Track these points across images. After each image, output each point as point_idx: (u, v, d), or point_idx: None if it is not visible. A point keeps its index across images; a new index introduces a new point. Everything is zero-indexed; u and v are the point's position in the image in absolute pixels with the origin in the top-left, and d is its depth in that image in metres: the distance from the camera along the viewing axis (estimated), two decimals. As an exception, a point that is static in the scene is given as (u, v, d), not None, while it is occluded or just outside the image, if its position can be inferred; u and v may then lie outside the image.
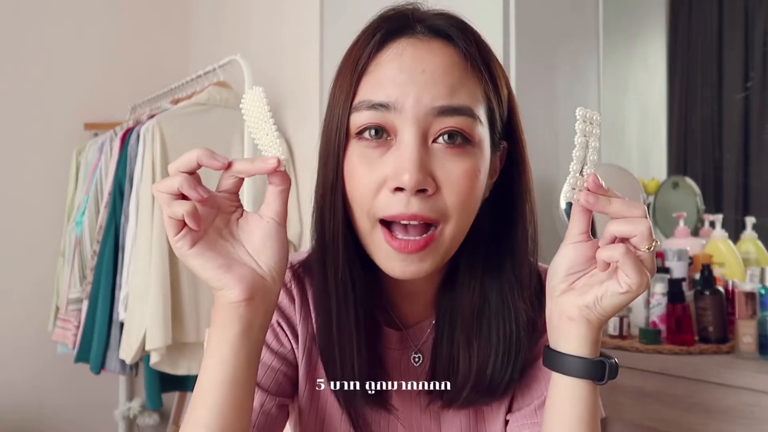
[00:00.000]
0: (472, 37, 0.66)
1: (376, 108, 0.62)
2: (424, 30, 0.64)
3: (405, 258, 0.62)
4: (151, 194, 1.99)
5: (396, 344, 0.73)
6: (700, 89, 2.21)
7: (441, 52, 0.63)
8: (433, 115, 0.61)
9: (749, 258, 1.75)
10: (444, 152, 0.62)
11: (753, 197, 2.06)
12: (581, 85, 1.92)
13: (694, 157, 2.21)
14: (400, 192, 0.61)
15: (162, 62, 2.95)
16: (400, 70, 0.62)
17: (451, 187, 0.62)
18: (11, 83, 2.67)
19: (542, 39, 1.78)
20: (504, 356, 0.69)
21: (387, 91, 0.62)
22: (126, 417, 2.71)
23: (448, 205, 0.62)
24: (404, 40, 0.64)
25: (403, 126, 0.61)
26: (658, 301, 1.53)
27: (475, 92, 0.64)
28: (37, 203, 2.69)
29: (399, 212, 0.61)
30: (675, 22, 2.25)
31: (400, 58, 0.62)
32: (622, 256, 0.57)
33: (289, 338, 0.73)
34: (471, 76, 0.64)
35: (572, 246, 0.62)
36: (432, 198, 0.61)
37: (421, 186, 0.60)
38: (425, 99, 0.61)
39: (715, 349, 1.42)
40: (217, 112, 2.14)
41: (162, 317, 1.91)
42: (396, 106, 0.61)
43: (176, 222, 0.57)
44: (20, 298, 2.64)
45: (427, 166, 0.61)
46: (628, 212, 0.59)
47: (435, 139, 0.62)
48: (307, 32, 2.20)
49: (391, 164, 0.61)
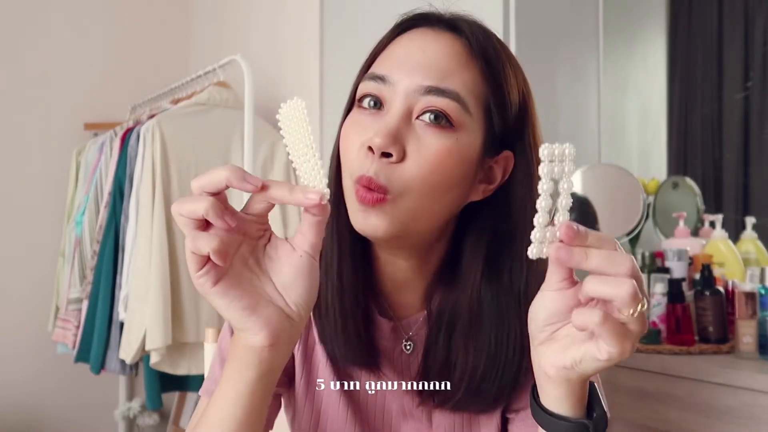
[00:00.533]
0: (488, 41, 0.69)
1: (374, 79, 0.66)
2: (443, 26, 0.69)
3: (365, 210, 0.64)
4: (151, 194, 1.99)
5: (387, 333, 0.75)
6: (700, 89, 2.21)
7: (447, 42, 0.67)
8: (420, 93, 0.65)
9: (749, 258, 1.75)
10: (423, 128, 0.65)
11: (753, 197, 2.06)
12: (581, 85, 1.92)
13: (694, 157, 2.21)
14: (370, 153, 0.63)
15: (162, 62, 2.95)
16: (405, 50, 0.67)
17: (417, 159, 0.63)
18: (11, 83, 2.67)
19: (542, 39, 1.78)
20: (495, 364, 0.69)
21: (388, 66, 0.67)
22: (126, 417, 2.71)
23: (408, 175, 0.63)
24: (420, 30, 0.69)
25: (393, 98, 0.65)
26: (658, 301, 1.53)
27: (471, 84, 0.66)
28: (37, 203, 2.69)
29: (363, 172, 0.63)
30: (675, 22, 2.25)
31: (410, 42, 0.68)
32: (598, 325, 0.49)
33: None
34: (471, 68, 0.67)
35: (552, 294, 0.55)
36: (393, 166, 0.63)
37: (386, 149, 0.62)
38: (416, 77, 0.65)
39: (715, 349, 1.42)
40: (217, 112, 2.14)
41: (162, 317, 1.91)
42: (391, 80, 0.66)
43: (199, 257, 0.53)
44: (20, 298, 2.64)
45: (400, 135, 0.64)
46: (610, 269, 0.50)
47: (419, 115, 0.65)
48: (307, 32, 2.20)
49: (373, 129, 0.64)
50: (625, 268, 0.50)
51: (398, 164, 0.63)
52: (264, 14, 2.47)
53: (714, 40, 2.18)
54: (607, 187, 1.81)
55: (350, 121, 0.68)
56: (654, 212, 1.89)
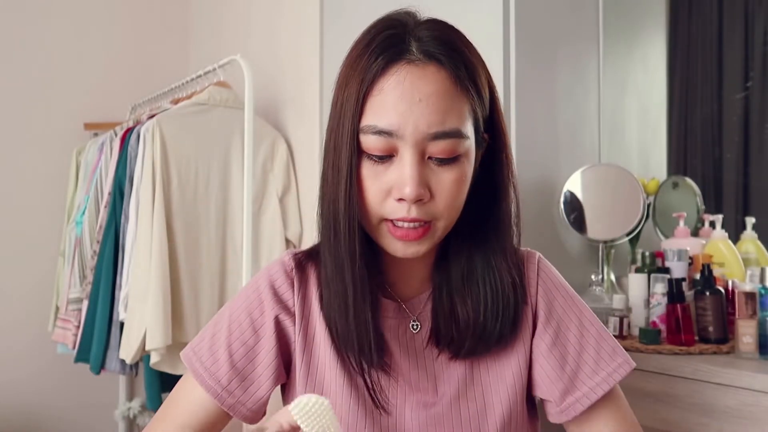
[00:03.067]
0: (460, 57, 0.75)
1: (381, 134, 0.73)
2: (420, 55, 0.73)
3: (405, 243, 0.76)
4: (151, 194, 1.99)
5: (393, 313, 0.84)
6: (700, 89, 2.20)
7: (434, 78, 0.73)
8: (429, 139, 0.73)
9: (749, 258, 1.75)
10: (438, 167, 0.75)
11: (753, 197, 2.06)
12: (581, 85, 1.92)
13: (694, 157, 2.21)
14: (403, 201, 0.74)
15: (162, 62, 2.95)
16: (401, 99, 0.72)
17: (443, 194, 0.75)
18: (11, 83, 2.67)
19: (542, 39, 1.78)
20: (494, 308, 0.80)
21: (390, 120, 0.72)
22: (126, 417, 2.71)
23: (440, 208, 0.75)
24: (403, 67, 0.73)
25: (404, 147, 0.73)
26: (658, 301, 1.53)
27: (464, 111, 0.74)
28: (37, 203, 2.69)
29: (402, 216, 0.74)
30: (675, 22, 2.25)
31: (401, 87, 0.72)
32: None
33: (285, 329, 0.84)
34: (460, 96, 0.74)
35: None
36: (427, 204, 0.75)
37: (419, 198, 0.73)
38: (422, 126, 0.72)
39: (715, 349, 1.42)
40: (217, 112, 2.14)
41: (162, 317, 1.91)
42: (398, 133, 0.72)
43: None
44: (20, 298, 2.64)
45: (423, 179, 0.74)
46: None
47: (430, 156, 0.74)
48: (307, 32, 2.20)
49: (394, 178, 0.74)
50: None
51: (429, 202, 0.75)
52: (264, 14, 2.47)
53: (714, 40, 2.17)
54: (607, 187, 1.81)
55: (366, 171, 0.75)
56: (654, 212, 1.89)
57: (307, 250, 0.87)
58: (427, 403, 0.81)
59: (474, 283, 0.80)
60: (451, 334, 0.81)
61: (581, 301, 0.88)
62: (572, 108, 1.89)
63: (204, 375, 0.82)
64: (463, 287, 0.81)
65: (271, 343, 0.83)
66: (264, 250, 2.16)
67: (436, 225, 0.76)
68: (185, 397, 0.84)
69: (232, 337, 0.83)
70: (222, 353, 0.82)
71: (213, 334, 0.84)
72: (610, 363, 0.83)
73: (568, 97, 1.87)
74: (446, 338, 0.81)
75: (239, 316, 0.84)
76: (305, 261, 0.86)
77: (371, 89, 0.74)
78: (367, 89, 0.74)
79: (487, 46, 1.71)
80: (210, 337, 0.84)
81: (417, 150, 0.73)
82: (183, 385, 0.86)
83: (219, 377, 0.82)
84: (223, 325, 0.85)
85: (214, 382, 0.82)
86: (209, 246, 2.10)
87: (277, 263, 0.86)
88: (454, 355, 0.82)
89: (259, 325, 0.83)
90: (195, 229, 2.07)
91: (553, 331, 0.84)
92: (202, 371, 0.82)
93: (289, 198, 2.22)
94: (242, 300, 0.86)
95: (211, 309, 2.09)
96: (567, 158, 1.85)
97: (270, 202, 2.18)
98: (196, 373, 0.83)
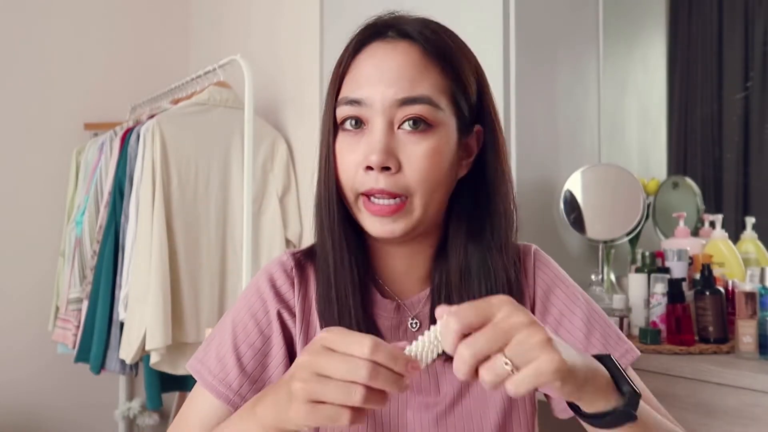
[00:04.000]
0: (435, 36, 0.76)
1: (352, 103, 0.74)
2: (394, 34, 0.76)
3: (380, 219, 0.74)
4: (151, 194, 2.00)
5: (391, 313, 0.83)
6: (700, 89, 2.20)
7: (405, 51, 0.74)
8: (396, 106, 0.73)
9: (749, 258, 1.75)
10: (407, 137, 0.73)
11: (753, 197, 2.06)
12: (581, 85, 1.92)
13: (694, 157, 2.20)
14: (370, 170, 0.73)
15: (162, 62, 2.95)
16: (370, 70, 0.74)
17: (412, 166, 0.73)
18: (11, 83, 2.67)
19: (542, 39, 1.78)
20: None
21: (361, 89, 0.74)
22: (126, 417, 2.71)
23: (410, 181, 0.73)
24: (377, 44, 0.76)
25: (373, 117, 0.73)
26: (658, 301, 1.53)
27: (436, 84, 0.74)
28: (37, 203, 2.69)
29: (371, 187, 0.73)
30: (675, 22, 2.25)
31: (372, 59, 0.75)
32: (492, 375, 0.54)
33: (289, 328, 0.83)
34: (431, 70, 0.74)
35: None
36: (396, 175, 0.73)
37: (384, 164, 0.72)
38: (389, 93, 0.73)
39: (715, 349, 1.42)
40: (217, 112, 2.14)
41: (162, 317, 1.91)
42: (367, 101, 0.73)
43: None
44: (20, 298, 2.64)
45: (391, 148, 0.73)
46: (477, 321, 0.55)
47: (400, 125, 0.73)
48: (307, 32, 2.20)
49: (363, 148, 0.74)
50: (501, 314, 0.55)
51: (398, 174, 0.73)
52: (264, 14, 2.47)
53: (714, 40, 2.17)
54: (607, 187, 1.81)
55: (340, 144, 0.76)
56: (654, 212, 1.89)
57: (305, 249, 0.86)
58: (429, 404, 0.80)
59: (471, 281, 0.79)
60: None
61: (582, 292, 0.86)
62: (572, 108, 1.89)
63: (214, 383, 0.80)
64: (461, 285, 0.79)
65: (278, 342, 0.82)
66: (264, 250, 2.16)
67: (412, 202, 0.74)
68: (196, 409, 0.82)
69: (238, 340, 0.82)
70: (230, 358, 0.81)
71: (218, 342, 0.83)
72: (617, 349, 0.82)
73: (568, 97, 1.87)
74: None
75: (243, 319, 0.83)
76: (304, 260, 0.85)
77: (348, 67, 0.76)
78: (344, 68, 0.76)
79: (487, 46, 1.71)
80: (216, 345, 0.83)
81: (385, 118, 0.73)
82: (193, 397, 0.83)
83: (230, 382, 0.80)
84: (227, 331, 0.83)
85: (226, 388, 0.80)
86: (209, 246, 2.10)
87: (276, 263, 0.86)
88: (447, 360, 0.80)
89: (265, 326, 0.82)
90: (195, 229, 2.07)
91: (554, 321, 0.83)
92: (212, 379, 0.81)
93: (289, 198, 2.22)
94: (243, 303, 0.84)
95: (211, 309, 2.09)
96: (567, 158, 1.85)
97: (270, 202, 2.18)
98: (206, 382, 0.81)
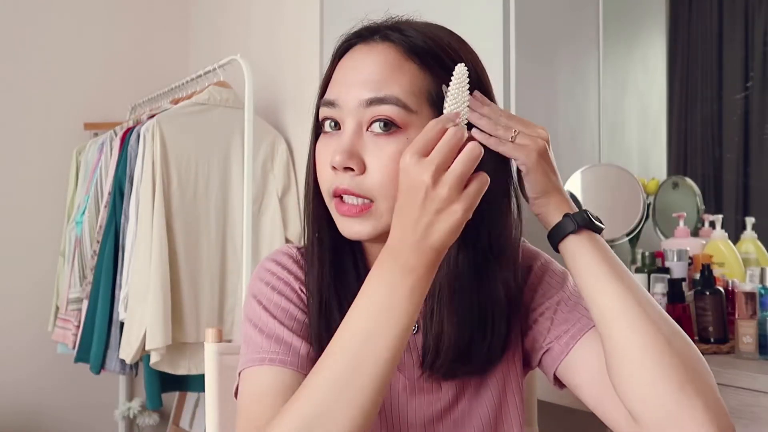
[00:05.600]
0: (417, 35, 0.74)
1: (327, 105, 0.74)
2: (378, 37, 0.74)
3: (348, 220, 0.73)
4: (151, 194, 2.00)
5: None
6: (700, 89, 2.20)
7: (379, 52, 0.73)
8: (364, 107, 0.71)
9: (749, 258, 1.75)
10: (375, 139, 0.71)
11: (753, 197, 2.06)
12: (581, 85, 1.92)
13: (694, 157, 2.20)
14: (335, 170, 0.72)
15: (162, 62, 2.95)
16: (347, 72, 0.74)
17: (376, 169, 0.71)
18: (11, 83, 2.67)
19: (542, 39, 1.78)
20: (484, 327, 0.76)
21: (334, 91, 0.74)
22: (126, 417, 2.71)
23: (374, 184, 0.71)
24: (359, 47, 0.75)
25: (344, 118, 0.73)
26: (658, 300, 1.53)
27: (409, 84, 0.72)
28: (37, 203, 2.69)
29: (335, 186, 0.72)
30: (675, 22, 2.25)
31: (350, 61, 0.75)
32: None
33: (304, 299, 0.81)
34: (405, 70, 0.72)
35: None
36: (359, 177, 0.71)
37: (345, 165, 0.71)
38: (357, 94, 0.72)
39: (715, 349, 1.42)
40: (217, 112, 2.14)
41: (162, 317, 1.91)
42: (338, 102, 0.73)
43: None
44: (20, 298, 2.64)
45: (356, 150, 0.71)
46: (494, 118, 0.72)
47: (368, 126, 0.72)
48: (307, 32, 2.20)
49: (333, 148, 0.73)
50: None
51: (362, 175, 0.71)
52: (264, 14, 2.47)
53: (714, 40, 2.17)
54: (607, 187, 1.81)
55: (319, 145, 0.76)
56: (654, 212, 1.89)
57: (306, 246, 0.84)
58: (431, 401, 0.80)
59: (463, 294, 0.75)
60: (436, 353, 0.75)
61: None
62: (572, 108, 1.89)
63: (284, 359, 0.74)
64: (451, 297, 0.74)
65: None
66: (264, 250, 2.16)
67: (378, 207, 0.71)
68: (264, 390, 0.73)
69: (279, 318, 0.77)
70: (285, 334, 0.75)
71: (261, 332, 0.76)
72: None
73: (568, 97, 1.87)
74: (431, 358, 0.76)
75: (270, 302, 0.78)
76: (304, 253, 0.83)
77: (333, 69, 0.77)
78: (330, 70, 0.77)
79: (487, 45, 1.71)
80: (260, 336, 0.76)
81: (354, 119, 0.72)
82: (251, 388, 0.75)
83: (297, 349, 0.75)
84: (262, 321, 0.77)
85: (295, 356, 0.74)
86: (209, 246, 2.10)
87: (279, 252, 0.84)
88: (435, 373, 0.77)
89: (293, 296, 0.79)
90: (195, 229, 2.07)
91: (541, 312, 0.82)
92: (278, 358, 0.74)
93: (289, 198, 2.22)
94: (264, 289, 0.80)
95: (211, 309, 2.09)
96: (567, 158, 1.85)
97: (270, 202, 2.18)
98: (274, 362, 0.74)
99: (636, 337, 0.67)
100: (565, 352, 0.78)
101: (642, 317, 0.68)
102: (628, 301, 0.69)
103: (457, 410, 0.80)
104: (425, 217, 0.62)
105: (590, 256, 0.72)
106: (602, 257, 0.71)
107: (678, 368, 0.66)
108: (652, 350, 0.66)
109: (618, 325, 0.68)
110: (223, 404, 1.01)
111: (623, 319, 0.68)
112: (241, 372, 0.76)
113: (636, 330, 0.67)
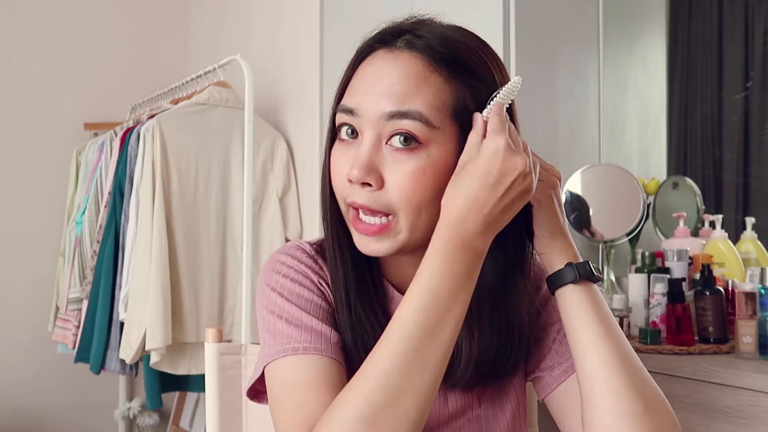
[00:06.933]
0: (445, 47, 0.71)
1: (347, 112, 0.71)
2: (402, 44, 0.71)
3: (365, 238, 0.72)
4: (151, 194, 1.99)
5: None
6: (700, 89, 2.20)
7: (406, 62, 0.70)
8: (385, 119, 0.69)
9: (749, 258, 1.75)
10: (394, 154, 0.69)
11: (753, 197, 2.06)
12: (581, 85, 1.92)
13: (694, 157, 2.21)
14: (353, 183, 0.70)
15: (162, 62, 2.95)
16: (367, 79, 0.71)
17: (395, 185, 0.69)
18: (11, 83, 2.67)
19: (542, 39, 1.78)
20: (507, 342, 0.76)
21: (354, 99, 0.71)
22: (126, 417, 2.71)
23: (392, 200, 0.69)
24: (382, 52, 0.72)
25: (363, 128, 0.70)
26: (658, 301, 1.53)
27: (432, 98, 0.69)
28: (37, 203, 2.69)
29: (353, 200, 0.71)
30: (675, 22, 2.25)
31: (372, 68, 0.72)
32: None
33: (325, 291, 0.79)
34: (430, 83, 0.69)
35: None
36: (377, 192, 0.69)
37: (363, 180, 0.69)
38: (380, 105, 0.69)
39: (715, 349, 1.42)
40: (217, 112, 2.14)
41: (162, 317, 1.91)
42: (358, 112, 0.70)
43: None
44: (20, 298, 2.64)
45: (374, 164, 0.69)
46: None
47: (388, 140, 0.70)
48: (307, 32, 2.20)
49: (351, 159, 0.71)
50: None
51: (380, 191, 0.69)
52: (264, 14, 2.47)
53: (714, 40, 2.18)
54: (607, 187, 1.81)
55: (335, 151, 0.74)
56: (654, 212, 1.89)
57: (317, 241, 0.82)
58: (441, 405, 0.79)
59: (486, 307, 0.74)
60: (464, 363, 0.75)
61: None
62: (572, 108, 1.89)
63: (318, 347, 0.72)
64: (473, 309, 0.72)
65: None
66: (264, 250, 2.16)
67: (397, 223, 0.70)
68: (306, 378, 0.71)
69: (304, 308, 0.75)
70: (314, 323, 0.74)
71: (288, 322, 0.74)
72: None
73: (568, 96, 1.87)
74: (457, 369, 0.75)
75: (291, 293, 0.76)
76: (319, 250, 0.81)
77: (353, 73, 0.74)
78: (350, 73, 0.75)
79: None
80: (288, 326, 0.74)
81: (374, 131, 0.69)
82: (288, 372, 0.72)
83: (328, 337, 0.73)
84: (287, 312, 0.75)
85: (327, 344, 0.73)
86: (209, 246, 2.10)
87: (292, 246, 0.81)
88: (452, 387, 0.77)
89: (313, 286, 0.77)
90: (195, 229, 2.07)
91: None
92: (312, 346, 0.72)
93: (289, 198, 2.22)
94: (279, 285, 0.77)
95: (211, 309, 2.09)
96: (567, 158, 1.85)
97: (270, 202, 2.18)
98: (308, 350, 0.72)
99: (613, 402, 0.69)
100: (553, 386, 0.80)
101: (622, 381, 0.69)
102: (611, 364, 0.70)
103: (464, 418, 0.80)
104: (507, 198, 0.67)
105: (584, 312, 0.73)
106: (595, 312, 0.73)
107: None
108: (628, 417, 0.68)
109: (599, 391, 0.70)
110: (223, 404, 1.01)
111: (605, 385, 0.69)
112: (269, 364, 0.73)
113: (614, 394, 0.69)
